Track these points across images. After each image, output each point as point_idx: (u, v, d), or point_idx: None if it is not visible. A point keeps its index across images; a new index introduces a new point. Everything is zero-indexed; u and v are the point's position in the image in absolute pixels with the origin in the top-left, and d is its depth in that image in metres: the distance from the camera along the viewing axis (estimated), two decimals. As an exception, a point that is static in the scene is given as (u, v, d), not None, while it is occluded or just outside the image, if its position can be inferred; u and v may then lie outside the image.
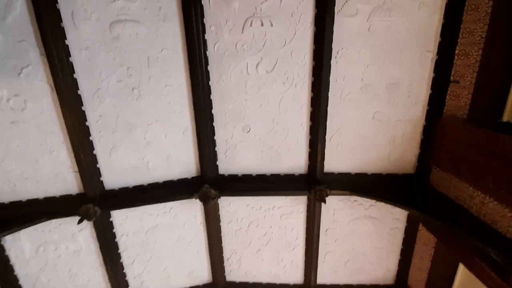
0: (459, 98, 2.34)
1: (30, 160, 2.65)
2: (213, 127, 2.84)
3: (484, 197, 2.06)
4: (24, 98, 2.44)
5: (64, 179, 2.78)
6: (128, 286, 3.39)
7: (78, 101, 2.52)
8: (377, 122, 2.71)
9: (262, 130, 2.86)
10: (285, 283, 3.58)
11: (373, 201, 3.01)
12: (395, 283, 3.38)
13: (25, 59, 2.33)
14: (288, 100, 2.72)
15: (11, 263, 3.00)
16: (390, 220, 3.08)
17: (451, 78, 2.42)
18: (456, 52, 2.36)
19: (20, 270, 3.07)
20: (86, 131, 2.63)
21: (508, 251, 1.79)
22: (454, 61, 2.38)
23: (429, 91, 2.57)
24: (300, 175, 3.02)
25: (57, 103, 2.48)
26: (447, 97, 2.50)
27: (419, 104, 2.62)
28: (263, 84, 2.67)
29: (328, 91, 2.61)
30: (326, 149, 2.83)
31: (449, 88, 2.47)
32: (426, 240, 2.83)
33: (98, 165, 2.79)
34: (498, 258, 1.76)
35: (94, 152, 2.73)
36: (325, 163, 2.89)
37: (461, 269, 2.66)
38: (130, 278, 3.36)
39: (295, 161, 2.97)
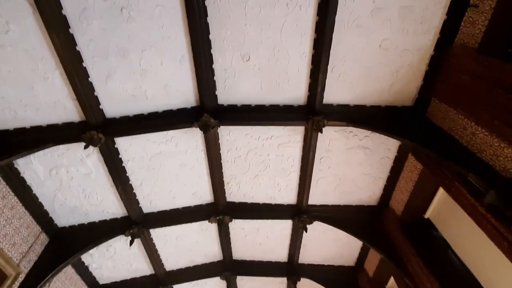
0: (474, 25, 2.19)
1: (25, 87, 2.61)
2: (211, 54, 2.71)
3: (477, 128, 2.15)
4: (5, 20, 2.25)
5: (64, 107, 2.79)
6: (139, 204, 3.77)
7: (64, 22, 2.32)
8: (384, 52, 2.59)
9: (262, 59, 2.73)
10: (280, 203, 3.99)
11: (368, 132, 3.11)
12: (378, 204, 3.78)
13: (-5, -31, 2.06)
14: (291, 24, 2.52)
15: (28, 183, 3.25)
16: (382, 150, 3.25)
17: (470, 1, 2.21)
18: (483, -31, 2.09)
19: (38, 190, 3.35)
20: (78, 57, 2.51)
21: (487, 176, 1.97)
22: (478, -19, 2.14)
23: (443, 17, 2.38)
24: (299, 106, 3.03)
25: (42, 25, 2.29)
26: (462, 24, 2.32)
27: (431, 31, 2.45)
28: (264, 5, 2.43)
29: (335, 14, 2.40)
30: (327, 79, 2.76)
31: (466, 13, 2.28)
32: (412, 168, 3.05)
33: (95, 93, 2.76)
34: (477, 183, 1.94)
35: (90, 79, 2.66)
36: (325, 94, 2.87)
37: (440, 192, 2.95)
38: (140, 197, 3.71)
39: (294, 91, 2.94)
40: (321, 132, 2.89)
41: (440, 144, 2.39)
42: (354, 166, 3.44)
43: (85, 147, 2.81)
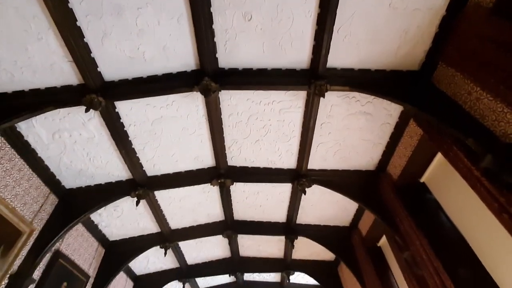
0: (492, -19, 2.04)
1: (19, 48, 2.52)
2: (211, 13, 2.56)
3: (482, 93, 2.13)
4: (-11, -28, 2.10)
5: (61, 69, 2.72)
6: (142, 167, 3.86)
7: (53, -25, 2.17)
8: (393, 11, 2.45)
9: (265, 19, 2.60)
10: (280, 167, 4.09)
11: (370, 98, 3.07)
12: (375, 169, 3.88)
13: None
14: (296, -21, 2.36)
15: (32, 147, 3.30)
16: (383, 116, 3.24)
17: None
18: None
19: (43, 153, 3.42)
20: (71, 15, 2.38)
21: (486, 141, 2.00)
22: None
23: (460, -28, 2.21)
24: (302, 70, 2.95)
25: (29, -23, 2.14)
26: (479, -20, 2.17)
27: (444, -12, 2.30)
28: (268, -44, 2.25)
29: (344, -33, 2.23)
30: (332, 41, 2.65)
31: (484, -32, 2.12)
32: (412, 134, 3.07)
33: (92, 55, 2.68)
34: (475, 147, 1.97)
35: (85, 40, 2.56)
36: (329, 57, 2.78)
37: (437, 158, 3.01)
38: (143, 161, 3.79)
39: (298, 55, 2.84)
40: (323, 97, 2.85)
41: (442, 110, 2.38)
42: (355, 132, 3.46)
43: (86, 111, 2.80)
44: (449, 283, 2.52)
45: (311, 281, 7.30)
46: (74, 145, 3.40)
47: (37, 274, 3.54)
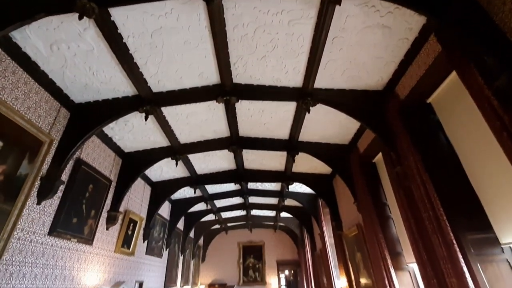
0: None
1: None
2: None
3: (517, 4, 1.89)
4: None
5: (42, -34, 2.39)
6: (147, 83, 3.83)
7: None
8: None
9: None
10: (286, 86, 4.02)
11: (392, 7, 2.75)
12: (383, 89, 3.79)
13: None
14: None
15: (33, 60, 3.21)
16: (402, 30, 2.96)
17: None
18: None
19: (45, 67, 3.35)
20: None
21: (508, 58, 1.88)
22: None
23: None
24: (318, -30, 2.56)
25: None
26: None
27: None
28: None
29: None
30: None
31: None
32: (430, 51, 2.87)
33: None
34: (494, 65, 1.86)
35: None
36: (351, -47, 2.36)
37: (450, 78, 2.89)
38: (147, 77, 3.73)
39: (314, -51, 2.41)
40: (339, 4, 2.55)
41: (470, 23, 2.14)
42: (368, 48, 3.23)
43: (80, 18, 2.58)
44: (433, 194, 2.80)
45: (308, 190, 8.17)
46: (74, 58, 3.29)
47: (64, 177, 3.98)
